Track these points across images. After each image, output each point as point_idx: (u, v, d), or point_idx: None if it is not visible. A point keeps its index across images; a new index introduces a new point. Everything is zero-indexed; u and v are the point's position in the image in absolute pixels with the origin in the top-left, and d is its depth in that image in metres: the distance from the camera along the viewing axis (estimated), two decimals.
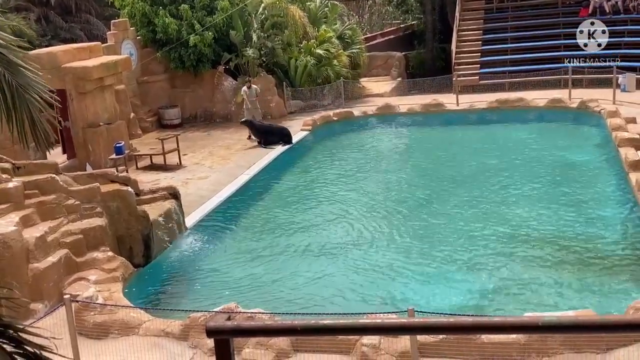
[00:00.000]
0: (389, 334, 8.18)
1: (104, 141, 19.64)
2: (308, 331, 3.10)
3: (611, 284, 11.33)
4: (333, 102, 26.78)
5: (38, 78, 7.08)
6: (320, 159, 21.21)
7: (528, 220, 14.36)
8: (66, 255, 11.66)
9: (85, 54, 20.51)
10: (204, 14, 25.22)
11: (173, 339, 9.90)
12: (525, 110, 23.50)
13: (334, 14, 30.00)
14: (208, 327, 2.91)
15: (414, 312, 8.01)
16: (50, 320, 9.71)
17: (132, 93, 24.53)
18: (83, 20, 34.08)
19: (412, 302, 10.38)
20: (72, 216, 12.44)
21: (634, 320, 2.90)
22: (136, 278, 12.52)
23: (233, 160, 20.19)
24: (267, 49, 25.75)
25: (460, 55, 29.46)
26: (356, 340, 9.10)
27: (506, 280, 11.71)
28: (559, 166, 17.98)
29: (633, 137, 17.61)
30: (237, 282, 12.55)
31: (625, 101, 22.63)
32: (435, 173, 18.73)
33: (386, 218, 15.34)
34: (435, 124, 23.87)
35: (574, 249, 12.72)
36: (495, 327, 2.95)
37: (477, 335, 8.65)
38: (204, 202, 16.38)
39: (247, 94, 23.27)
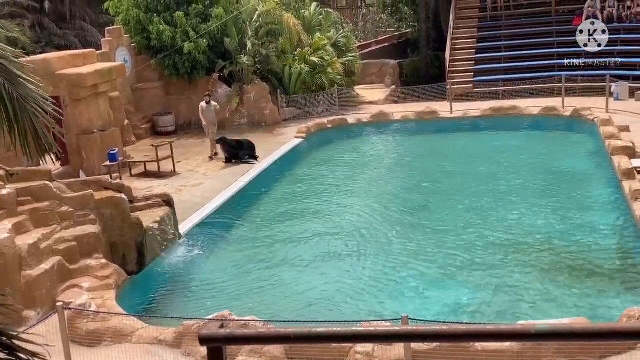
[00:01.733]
0: (383, 342, 8.17)
1: (98, 148, 19.61)
2: (301, 339, 3.10)
3: (604, 292, 11.35)
4: (327, 109, 26.81)
5: (38, 89, 7.06)
6: (314, 166, 21.20)
7: (520, 228, 14.38)
8: (59, 262, 11.62)
9: (79, 60, 20.49)
10: (198, 21, 25.25)
11: (166, 346, 9.87)
12: (518, 118, 23.57)
13: (328, 22, 30.07)
14: (201, 335, 2.90)
15: (407, 319, 8.01)
16: (43, 328, 9.66)
17: (126, 100, 24.52)
18: (77, 27, 34.03)
19: (406, 310, 10.37)
20: (66, 223, 12.40)
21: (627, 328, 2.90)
22: (129, 285, 12.49)
23: (227, 167, 20.17)
24: (261, 56, 25.78)
25: (454, 64, 29.54)
26: (350, 348, 9.09)
27: (499, 288, 11.72)
28: (552, 174, 18.03)
29: (626, 145, 17.67)
30: (231, 290, 12.53)
31: (618, 109, 22.72)
32: (428, 180, 18.75)
33: (381, 225, 15.34)
34: (429, 132, 23.91)
35: (567, 257, 12.74)
36: (488, 334, 2.95)
37: (471, 344, 8.65)
38: (197, 209, 16.35)
39: (204, 109, 21.52)
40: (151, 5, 25.46)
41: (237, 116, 25.82)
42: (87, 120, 19.81)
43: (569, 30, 28.68)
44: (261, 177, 19.43)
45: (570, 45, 28.20)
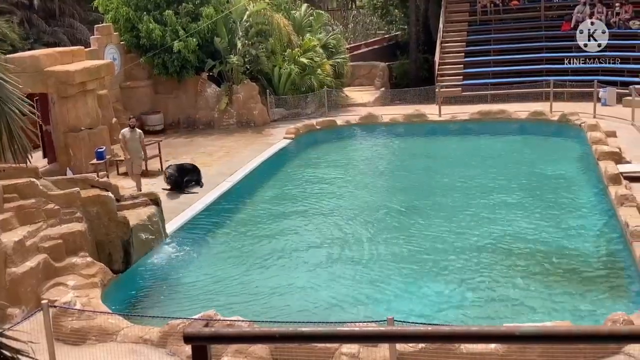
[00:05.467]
0: (368, 343, 8.19)
1: (85, 146, 19.53)
2: (286, 338, 3.09)
3: (589, 296, 11.41)
4: (316, 110, 26.81)
5: (16, 90, 7.00)
6: (302, 167, 21.20)
7: (506, 231, 14.43)
8: (45, 260, 11.56)
9: (68, 58, 20.40)
10: (188, 20, 25.19)
11: (151, 345, 9.84)
12: (506, 122, 23.65)
13: (318, 23, 30.07)
14: (185, 333, 2.89)
15: (393, 321, 8.02)
16: (28, 326, 9.57)
17: (114, 98, 24.41)
18: (66, 24, 33.88)
19: (392, 312, 10.38)
20: (52, 221, 12.34)
21: (611, 331, 2.91)
22: (115, 284, 12.44)
23: (215, 167, 20.12)
24: (251, 56, 25.75)
25: (443, 67, 29.60)
26: (335, 349, 9.09)
27: (484, 292, 11.76)
28: (539, 178, 18.10)
29: (613, 150, 17.78)
30: (217, 290, 12.51)
31: (605, 115, 22.84)
32: (415, 183, 18.79)
33: (367, 226, 15.36)
34: (417, 134, 23.96)
35: (553, 261, 12.80)
36: (472, 336, 2.95)
37: (456, 346, 8.68)
38: (184, 208, 16.32)
39: (127, 137, 17.51)
40: (141, 4, 25.37)
41: (226, 116, 25.78)
42: (74, 118, 19.73)
43: (558, 36, 28.84)
44: (249, 177, 19.39)
45: (559, 50, 28.37)
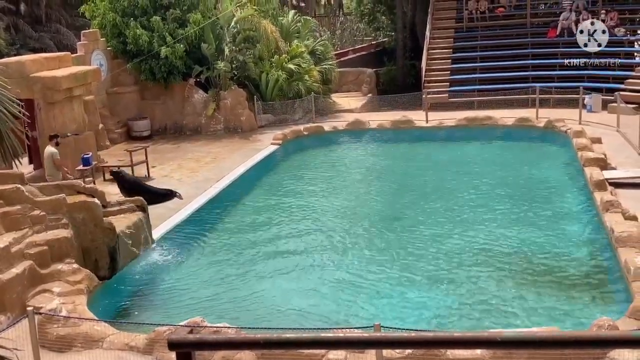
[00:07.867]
0: (354, 349, 8.19)
1: (72, 152, 19.45)
2: (271, 345, 3.10)
3: (574, 302, 11.46)
4: (304, 116, 26.84)
5: (6, 91, 6.99)
6: (289, 173, 21.22)
7: (492, 237, 14.47)
8: (30, 266, 11.50)
9: (54, 63, 20.34)
10: (175, 26, 25.18)
11: (137, 353, 9.80)
12: (493, 128, 23.77)
13: (306, 30, 30.13)
14: (170, 340, 2.90)
15: (380, 327, 8.04)
16: (13, 333, 9.55)
17: (101, 104, 24.36)
18: (53, 30, 33.82)
19: (379, 318, 10.40)
20: (37, 227, 12.28)
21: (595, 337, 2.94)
22: (101, 291, 12.39)
23: (202, 173, 20.11)
24: (238, 62, 25.76)
25: (430, 73, 29.73)
26: (322, 356, 9.09)
27: (470, 298, 11.78)
28: (524, 184, 18.19)
29: (598, 156, 17.89)
30: (204, 296, 12.47)
31: (591, 121, 22.98)
32: (402, 189, 18.84)
33: (353, 232, 15.37)
34: (404, 141, 24.03)
35: (538, 267, 12.85)
36: (455, 341, 2.98)
37: (443, 352, 8.70)
38: (171, 215, 16.27)
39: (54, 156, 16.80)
40: (128, 10, 25.36)
41: (213, 122, 25.77)
42: (61, 124, 19.65)
43: (544, 43, 29.05)
44: (236, 183, 19.37)
45: (544, 57, 28.57)
